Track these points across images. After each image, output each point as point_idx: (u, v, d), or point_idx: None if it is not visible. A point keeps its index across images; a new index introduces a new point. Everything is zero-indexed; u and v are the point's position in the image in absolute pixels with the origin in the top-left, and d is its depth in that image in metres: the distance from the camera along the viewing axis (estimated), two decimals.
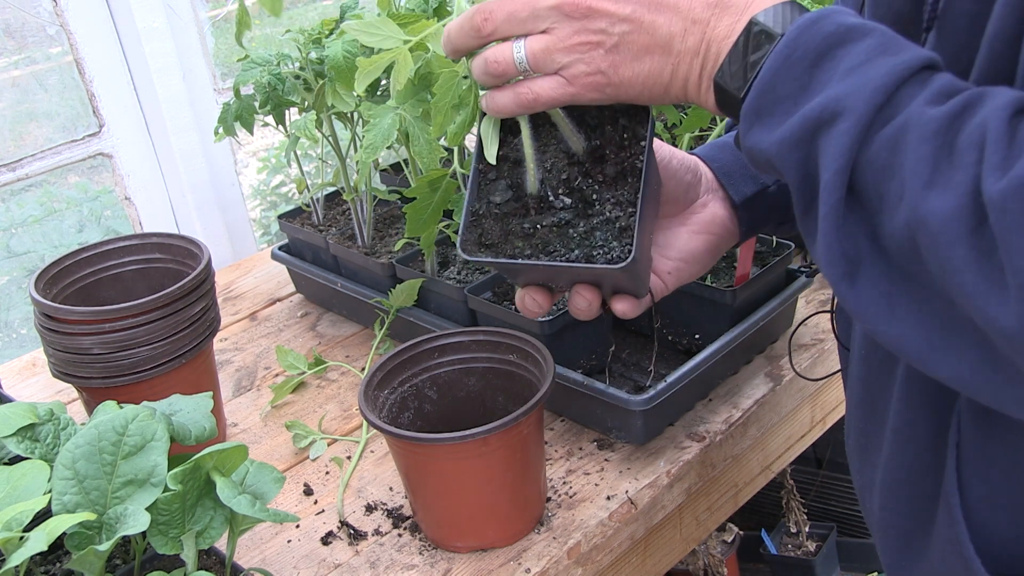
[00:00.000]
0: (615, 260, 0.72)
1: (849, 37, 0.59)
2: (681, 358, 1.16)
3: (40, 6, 1.58)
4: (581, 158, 0.76)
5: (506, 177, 0.78)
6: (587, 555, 1.00)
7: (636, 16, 0.67)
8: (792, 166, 0.60)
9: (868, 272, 0.58)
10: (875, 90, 0.56)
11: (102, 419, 0.79)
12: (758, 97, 0.62)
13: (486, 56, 0.71)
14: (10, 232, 1.80)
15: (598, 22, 0.68)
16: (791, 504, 2.10)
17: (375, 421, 0.94)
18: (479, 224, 0.77)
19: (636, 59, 0.68)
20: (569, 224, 0.75)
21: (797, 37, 0.61)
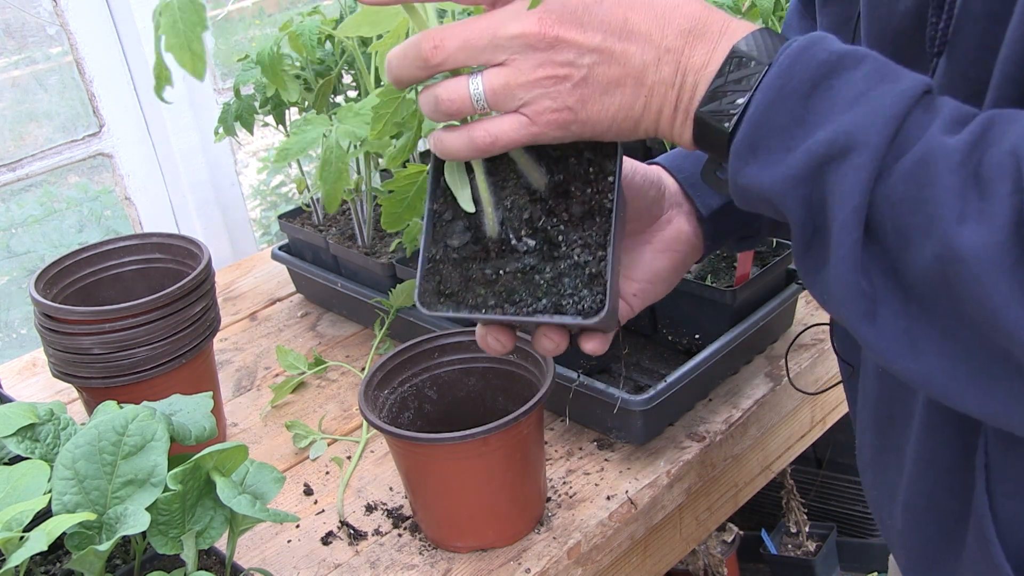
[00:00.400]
0: (586, 311, 0.67)
1: (842, 65, 0.57)
2: (681, 358, 1.16)
3: (40, 6, 1.58)
4: (543, 194, 0.70)
5: (463, 218, 0.71)
6: (587, 555, 1.00)
7: (606, 46, 0.61)
8: (795, 204, 0.57)
9: (887, 309, 0.55)
10: (887, 120, 0.54)
11: (102, 419, 0.79)
12: (751, 131, 0.58)
13: (438, 94, 0.64)
14: (10, 232, 1.80)
15: (565, 53, 0.61)
16: (791, 504, 2.10)
17: (375, 421, 0.94)
18: (437, 271, 0.71)
19: (606, 92, 0.62)
20: (535, 269, 0.70)
21: (790, 66, 0.58)
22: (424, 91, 0.65)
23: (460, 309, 0.70)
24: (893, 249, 0.54)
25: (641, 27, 0.61)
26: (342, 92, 1.40)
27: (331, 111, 1.31)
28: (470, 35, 0.62)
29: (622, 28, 0.61)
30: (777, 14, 1.29)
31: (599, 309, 0.67)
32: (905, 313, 0.55)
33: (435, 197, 0.72)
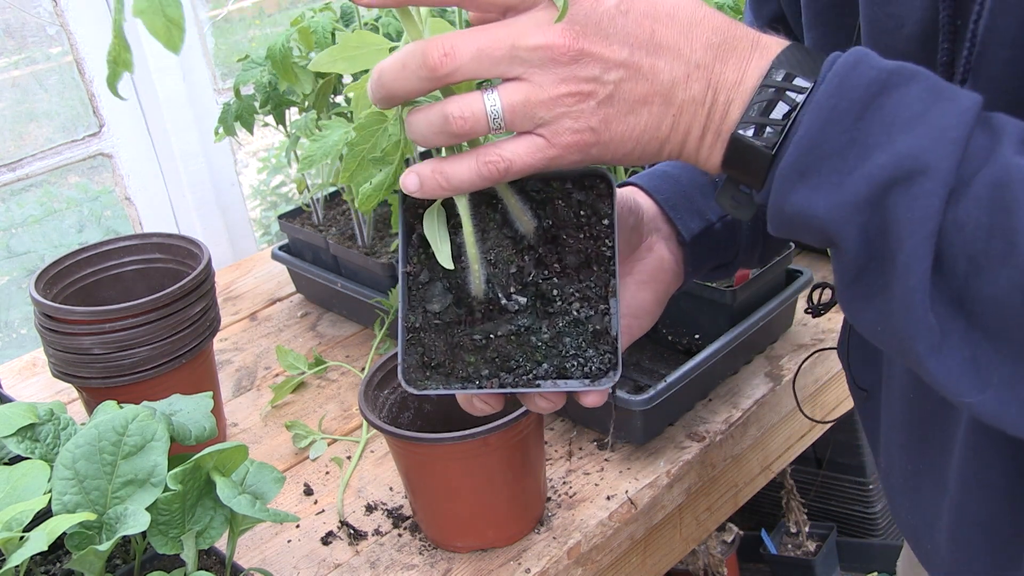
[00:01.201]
0: (595, 374, 0.62)
1: (893, 82, 0.52)
2: (681, 358, 1.16)
3: (40, 6, 1.58)
4: (531, 242, 0.63)
5: (442, 277, 0.63)
6: (587, 555, 1.00)
7: (634, 61, 0.56)
8: (852, 231, 0.53)
9: (951, 340, 0.52)
10: (953, 142, 0.50)
11: (102, 419, 0.79)
12: (801, 155, 0.54)
13: (447, 112, 0.55)
14: (10, 232, 1.80)
15: (590, 68, 0.55)
16: (791, 504, 2.10)
17: (375, 421, 0.94)
18: (419, 341, 0.63)
19: (632, 112, 0.57)
20: (530, 330, 0.63)
21: (840, 84, 0.53)
22: (422, 110, 0.57)
23: (451, 383, 0.63)
24: (961, 276, 0.51)
25: (669, 40, 0.56)
26: (342, 92, 1.40)
27: (331, 110, 1.31)
28: (486, 44, 0.55)
29: (649, 41, 0.56)
30: None
31: (609, 370, 0.62)
32: (970, 343, 0.52)
33: (407, 258, 0.64)
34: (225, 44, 1.90)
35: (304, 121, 1.29)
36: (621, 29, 0.55)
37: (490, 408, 0.66)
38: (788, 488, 2.08)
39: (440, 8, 0.63)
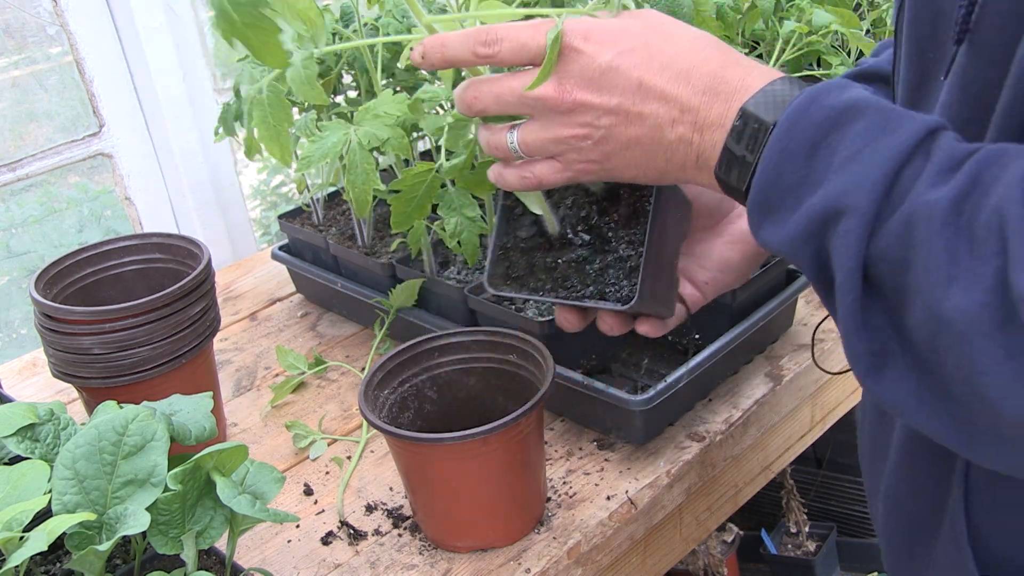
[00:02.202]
0: (624, 299, 0.76)
1: (842, 120, 0.57)
2: (681, 358, 1.16)
3: (40, 6, 1.58)
4: (599, 196, 0.80)
5: (531, 213, 0.81)
6: (587, 555, 1.00)
7: (623, 108, 0.66)
8: (805, 261, 0.59)
9: (895, 364, 0.56)
10: (875, 182, 0.54)
11: (102, 419, 0.79)
12: (761, 192, 0.60)
13: (484, 140, 0.73)
14: (10, 232, 1.80)
15: (584, 115, 0.67)
16: (791, 504, 2.10)
17: (375, 421, 0.94)
18: (507, 257, 0.82)
19: (627, 148, 0.67)
20: (586, 260, 0.79)
21: (790, 128, 0.59)
22: (479, 129, 0.75)
23: (521, 291, 0.80)
24: (894, 306, 0.55)
25: (658, 86, 0.65)
26: (342, 92, 1.40)
27: (331, 110, 1.31)
28: (501, 92, 0.69)
29: (637, 90, 0.65)
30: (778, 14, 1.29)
31: (631, 298, 0.76)
32: (914, 369, 0.55)
33: (508, 194, 0.81)
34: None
35: (304, 121, 1.29)
36: (611, 81, 0.65)
37: (568, 324, 0.81)
38: (788, 488, 2.08)
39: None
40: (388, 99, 1.07)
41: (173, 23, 1.63)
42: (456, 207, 1.06)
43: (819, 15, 1.23)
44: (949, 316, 0.50)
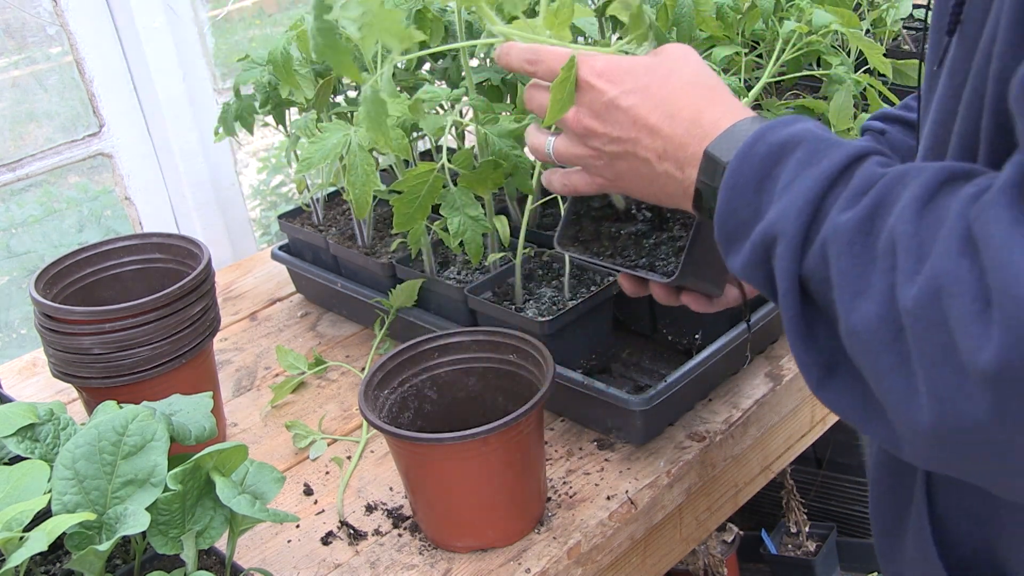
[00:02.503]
0: (668, 274, 0.86)
1: (782, 154, 0.64)
2: (681, 358, 1.16)
3: (40, 6, 1.58)
4: None
5: None
6: (587, 555, 1.00)
7: (625, 137, 0.75)
8: (760, 285, 0.66)
9: (841, 374, 0.60)
10: (800, 209, 0.60)
11: (102, 419, 0.79)
12: (722, 226, 0.67)
13: (529, 140, 0.85)
14: (10, 232, 1.80)
15: (593, 140, 0.77)
16: (791, 504, 2.10)
17: (375, 421, 0.94)
18: (578, 223, 0.93)
19: (630, 173, 0.77)
20: (644, 235, 0.90)
21: (739, 166, 0.66)
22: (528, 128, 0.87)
23: (584, 253, 0.91)
24: (831, 320, 0.61)
25: (649, 123, 0.74)
26: (342, 92, 1.40)
27: (331, 111, 1.31)
28: (543, 103, 0.79)
29: (632, 125, 0.74)
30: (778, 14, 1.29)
31: (672, 274, 0.85)
32: (854, 378, 0.60)
33: None
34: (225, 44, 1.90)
35: (304, 121, 1.29)
36: (614, 116, 0.75)
37: (630, 289, 0.90)
38: (788, 488, 2.08)
39: None
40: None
41: (173, 23, 1.63)
42: (459, 207, 1.06)
43: (819, 15, 1.22)
44: (856, 329, 0.55)
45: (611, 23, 1.14)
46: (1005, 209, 0.48)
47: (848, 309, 0.56)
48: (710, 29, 1.24)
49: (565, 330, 1.13)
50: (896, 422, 0.55)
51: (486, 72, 1.25)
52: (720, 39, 1.30)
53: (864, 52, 1.22)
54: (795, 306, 0.61)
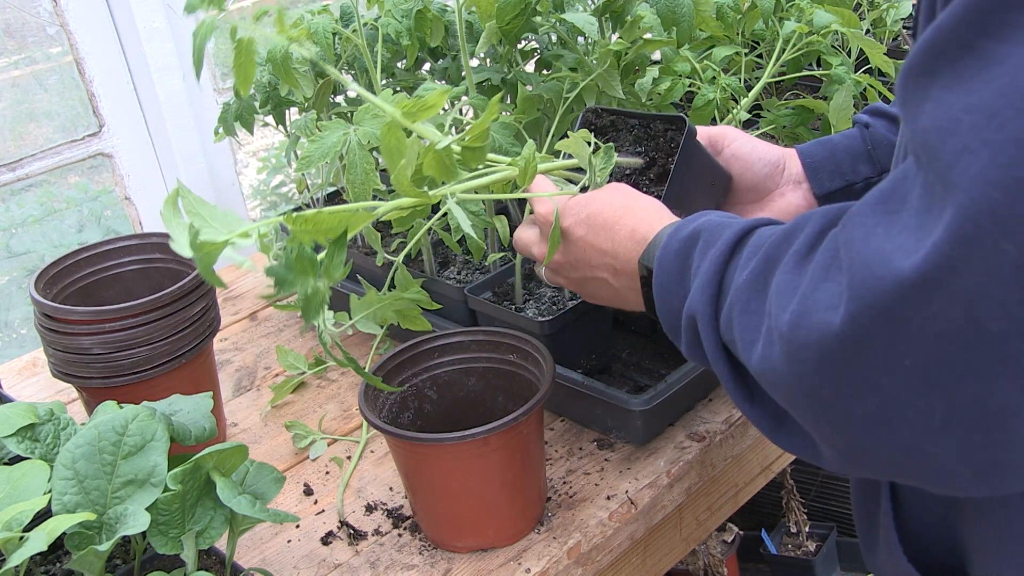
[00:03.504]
0: None
1: (689, 245, 0.73)
2: (681, 358, 1.16)
3: (40, 6, 1.58)
4: (645, 164, 0.98)
5: None
6: (587, 555, 1.00)
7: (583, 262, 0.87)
8: (702, 362, 0.72)
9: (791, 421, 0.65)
10: (705, 287, 0.69)
11: (102, 419, 0.79)
12: (664, 323, 0.77)
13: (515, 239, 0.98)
14: (10, 232, 1.80)
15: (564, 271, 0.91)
16: (791, 504, 2.10)
17: (375, 421, 0.94)
18: None
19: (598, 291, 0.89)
20: None
21: (660, 266, 0.75)
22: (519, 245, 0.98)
23: None
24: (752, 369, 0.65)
25: (602, 246, 0.84)
26: (342, 92, 1.40)
27: (331, 111, 1.31)
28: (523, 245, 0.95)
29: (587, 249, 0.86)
30: (778, 14, 1.29)
31: None
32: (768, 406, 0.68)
33: None
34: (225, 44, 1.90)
35: (304, 121, 1.29)
36: (570, 247, 0.88)
37: None
38: (788, 488, 2.08)
39: None
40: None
41: (173, 23, 1.63)
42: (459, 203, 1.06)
43: (819, 15, 1.22)
44: (756, 371, 0.62)
45: (611, 23, 1.14)
46: (866, 217, 0.53)
47: (748, 357, 0.62)
48: (710, 29, 1.24)
49: (565, 330, 1.13)
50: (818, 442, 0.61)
51: (486, 72, 1.25)
52: (720, 39, 1.30)
53: (865, 51, 1.22)
54: (726, 371, 0.68)
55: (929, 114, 0.48)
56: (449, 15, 1.26)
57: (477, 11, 1.10)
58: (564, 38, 1.16)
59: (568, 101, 1.14)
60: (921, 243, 0.48)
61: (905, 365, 0.50)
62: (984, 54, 0.46)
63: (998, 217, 0.44)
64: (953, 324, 0.47)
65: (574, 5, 1.17)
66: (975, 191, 0.45)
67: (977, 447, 0.50)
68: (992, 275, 0.45)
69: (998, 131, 0.44)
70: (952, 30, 0.48)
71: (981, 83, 0.46)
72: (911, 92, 0.51)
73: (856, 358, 0.52)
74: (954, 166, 0.46)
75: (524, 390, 1.01)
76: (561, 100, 1.14)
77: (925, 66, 0.49)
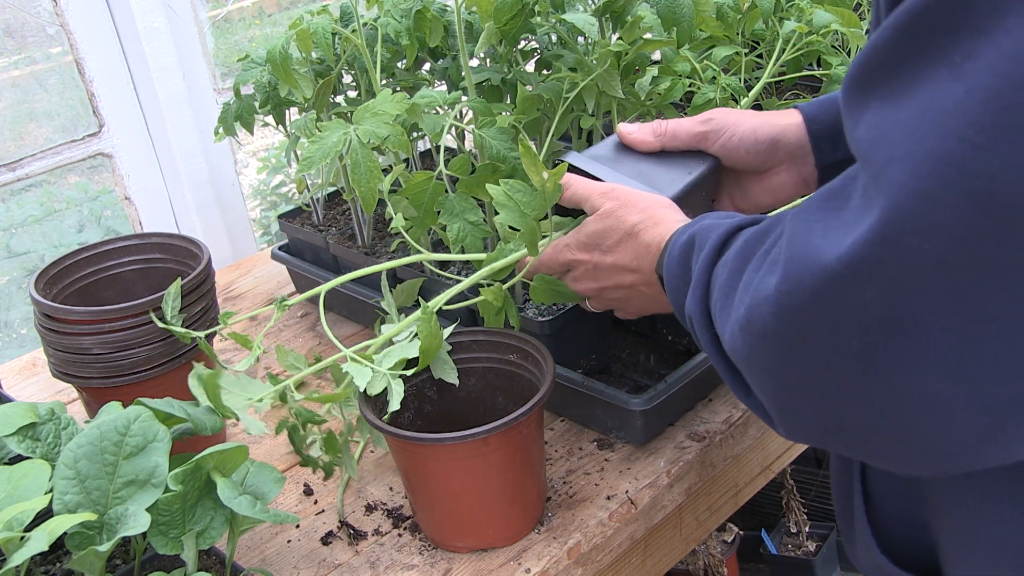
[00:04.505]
0: None
1: (685, 252, 0.79)
2: (681, 358, 1.16)
3: (40, 6, 1.58)
4: None
5: None
6: (587, 555, 1.00)
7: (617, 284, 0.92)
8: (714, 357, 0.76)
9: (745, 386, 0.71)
10: (696, 288, 0.74)
11: (104, 419, 0.79)
12: (682, 321, 0.80)
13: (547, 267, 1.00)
14: (10, 232, 1.80)
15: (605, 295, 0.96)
16: (791, 504, 2.10)
17: (375, 421, 0.94)
18: None
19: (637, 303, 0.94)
20: None
21: (668, 270, 0.81)
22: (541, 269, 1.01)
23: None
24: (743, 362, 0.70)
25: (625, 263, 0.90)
26: (342, 92, 1.40)
27: (331, 111, 1.31)
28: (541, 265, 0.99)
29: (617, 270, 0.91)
30: (778, 14, 1.29)
31: None
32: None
33: None
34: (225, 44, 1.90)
35: (304, 121, 1.29)
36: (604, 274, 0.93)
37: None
38: (788, 488, 2.08)
39: None
40: (387, 98, 1.07)
41: (173, 23, 1.63)
42: (458, 213, 1.06)
43: (819, 15, 1.22)
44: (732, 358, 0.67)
45: (611, 23, 1.14)
46: (811, 213, 0.58)
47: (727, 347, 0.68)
48: (710, 29, 1.24)
49: (565, 330, 1.13)
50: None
51: (486, 72, 1.25)
52: (720, 39, 1.30)
53: None
54: (720, 364, 0.72)
55: (866, 124, 0.53)
56: (449, 15, 1.26)
57: (477, 11, 1.10)
58: (564, 38, 1.16)
59: (568, 101, 1.14)
60: (847, 238, 0.53)
61: (853, 347, 0.54)
62: (910, 73, 0.50)
63: (917, 222, 0.49)
64: (889, 312, 0.51)
65: (574, 5, 1.17)
66: (896, 198, 0.49)
67: (910, 430, 0.55)
68: (918, 271, 0.49)
69: (918, 145, 0.48)
70: (884, 49, 0.52)
71: (907, 100, 0.50)
72: (852, 103, 0.55)
73: (797, 337, 0.57)
74: (881, 174, 0.50)
75: (524, 390, 1.01)
76: (561, 100, 1.14)
77: (863, 80, 0.54)
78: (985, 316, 0.49)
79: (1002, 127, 0.45)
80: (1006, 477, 0.63)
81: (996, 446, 0.53)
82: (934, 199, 0.48)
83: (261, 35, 2.09)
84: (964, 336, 0.50)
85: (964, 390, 0.51)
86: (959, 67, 0.47)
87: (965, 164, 0.46)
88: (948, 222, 0.47)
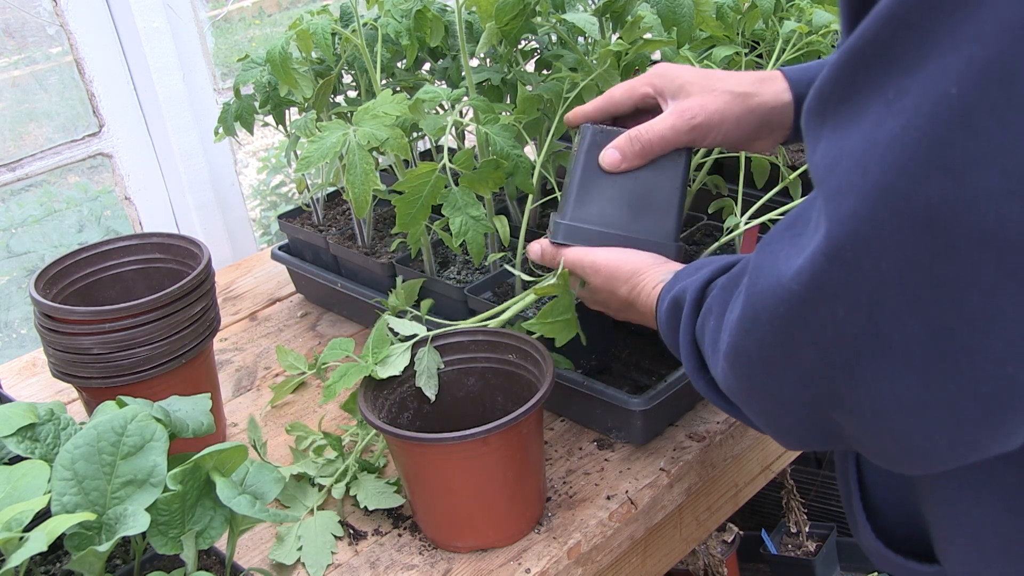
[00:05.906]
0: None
1: (675, 305, 0.84)
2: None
3: (40, 6, 1.58)
4: None
5: None
6: (587, 555, 1.00)
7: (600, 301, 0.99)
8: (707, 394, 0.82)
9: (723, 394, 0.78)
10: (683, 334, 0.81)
11: (101, 419, 0.79)
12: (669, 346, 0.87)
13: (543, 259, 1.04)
14: (10, 232, 1.80)
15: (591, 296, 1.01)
16: (791, 504, 2.10)
17: (375, 421, 0.94)
18: None
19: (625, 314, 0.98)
20: None
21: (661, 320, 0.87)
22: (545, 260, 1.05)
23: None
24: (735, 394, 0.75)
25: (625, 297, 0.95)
26: (342, 92, 1.40)
27: (330, 111, 1.31)
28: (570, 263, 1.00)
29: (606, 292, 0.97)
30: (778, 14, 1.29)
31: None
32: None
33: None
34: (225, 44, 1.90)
35: (304, 121, 1.29)
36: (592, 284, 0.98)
37: None
38: (788, 488, 2.08)
39: None
40: (387, 99, 1.07)
41: (173, 23, 1.63)
42: (460, 207, 1.06)
43: (819, 15, 1.22)
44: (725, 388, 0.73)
45: (611, 23, 1.14)
46: (773, 243, 0.62)
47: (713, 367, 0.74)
48: (710, 29, 1.24)
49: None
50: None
51: (486, 72, 1.25)
52: (720, 39, 1.30)
53: None
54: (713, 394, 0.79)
55: (820, 151, 0.56)
56: (449, 15, 1.26)
57: (477, 11, 1.10)
58: (564, 38, 1.16)
59: (568, 101, 1.14)
60: (799, 258, 0.57)
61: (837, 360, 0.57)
62: (856, 105, 0.53)
63: (869, 244, 0.52)
64: (863, 327, 0.55)
65: (574, 5, 1.17)
66: (845, 225, 0.53)
67: (893, 433, 0.58)
68: (883, 290, 0.53)
69: (863, 177, 0.51)
70: (835, 80, 0.54)
71: (852, 131, 0.53)
72: (810, 128, 0.58)
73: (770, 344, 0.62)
74: (831, 200, 0.54)
75: (524, 390, 1.01)
76: (561, 100, 1.14)
77: (819, 108, 0.56)
78: (946, 330, 0.52)
79: (935, 163, 0.48)
80: (982, 468, 0.65)
81: (966, 448, 0.56)
82: (881, 224, 0.51)
83: (261, 35, 2.10)
84: (929, 348, 0.53)
85: (935, 396, 0.54)
86: (892, 104, 0.50)
87: (908, 194, 0.49)
88: (900, 244, 0.51)
